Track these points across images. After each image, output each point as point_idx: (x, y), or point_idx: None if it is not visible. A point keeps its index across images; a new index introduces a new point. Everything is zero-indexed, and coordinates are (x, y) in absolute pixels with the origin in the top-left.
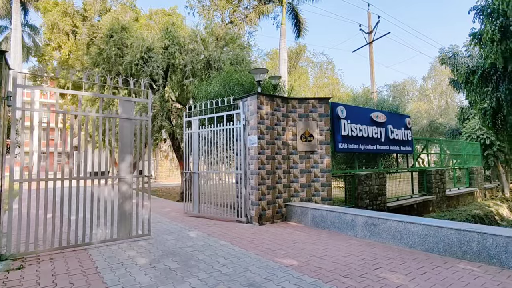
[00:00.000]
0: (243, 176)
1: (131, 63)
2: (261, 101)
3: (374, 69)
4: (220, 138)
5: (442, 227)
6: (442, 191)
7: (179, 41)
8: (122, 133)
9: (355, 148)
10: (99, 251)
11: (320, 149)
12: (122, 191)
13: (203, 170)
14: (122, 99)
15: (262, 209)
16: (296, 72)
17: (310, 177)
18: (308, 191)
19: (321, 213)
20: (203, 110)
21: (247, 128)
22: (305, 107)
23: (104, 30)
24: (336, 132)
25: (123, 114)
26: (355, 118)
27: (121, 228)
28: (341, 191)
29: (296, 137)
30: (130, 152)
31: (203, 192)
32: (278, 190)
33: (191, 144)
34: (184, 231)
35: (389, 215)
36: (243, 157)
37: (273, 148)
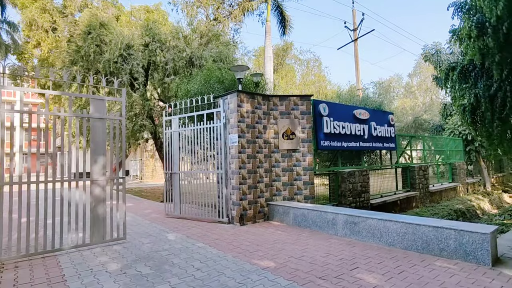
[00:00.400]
0: (224, 175)
1: (110, 61)
2: (241, 99)
3: (359, 66)
4: (201, 137)
5: (420, 225)
6: (425, 187)
7: (160, 38)
8: (94, 133)
9: (338, 145)
10: (69, 257)
11: (302, 147)
12: (95, 194)
13: (184, 170)
14: (94, 98)
15: (243, 209)
16: (283, 69)
17: (292, 175)
18: (290, 189)
19: (302, 212)
20: (183, 109)
21: (227, 127)
22: (287, 105)
23: (82, 27)
24: (319, 129)
25: (95, 113)
26: (337, 115)
27: (94, 233)
28: (327, 189)
29: (278, 135)
30: (103, 153)
31: (184, 193)
32: (259, 190)
33: (172, 144)
34: (163, 233)
35: (369, 213)
36: (224, 156)
37: (254, 147)
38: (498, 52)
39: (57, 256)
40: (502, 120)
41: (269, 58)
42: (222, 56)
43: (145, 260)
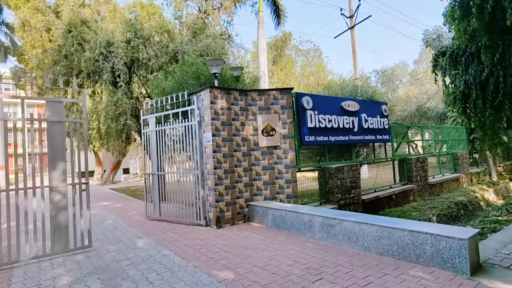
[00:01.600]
0: (200, 176)
1: (91, 59)
2: (215, 95)
3: (356, 55)
4: (177, 136)
5: (396, 228)
6: (424, 179)
7: (143, 34)
8: (51, 137)
9: (324, 140)
10: (25, 269)
11: (283, 143)
12: (55, 201)
13: (162, 171)
14: (50, 100)
15: (220, 211)
16: (282, 61)
17: (273, 174)
18: (272, 188)
19: (280, 213)
20: (159, 107)
21: (202, 125)
22: (266, 100)
23: (63, 26)
24: (302, 124)
25: (52, 116)
26: (323, 108)
27: (56, 242)
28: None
29: (257, 132)
30: (63, 158)
31: (163, 195)
32: (238, 190)
33: (150, 144)
34: (134, 239)
35: (345, 215)
36: (200, 156)
37: (231, 145)
38: (485, 34)
39: (14, 268)
40: (495, 109)
41: (262, 50)
42: (209, 50)
43: (101, 272)
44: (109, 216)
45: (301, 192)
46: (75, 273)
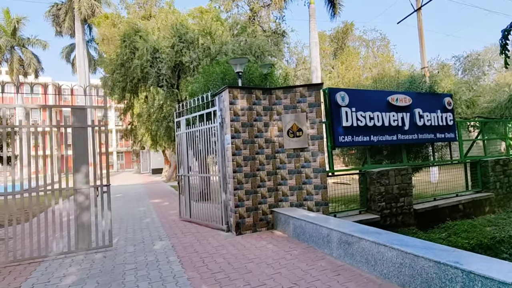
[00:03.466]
0: (222, 179)
1: (141, 66)
2: (235, 95)
3: (424, 41)
4: (203, 138)
5: (419, 256)
6: (507, 186)
7: (187, 38)
8: (75, 142)
9: (364, 140)
10: (48, 265)
11: (311, 145)
12: (79, 202)
13: (192, 172)
14: (75, 108)
15: (239, 217)
16: (343, 53)
17: (300, 178)
18: (299, 194)
19: (300, 223)
20: (187, 110)
21: (223, 127)
22: (292, 97)
23: (118, 37)
24: (336, 123)
25: (76, 123)
26: (362, 104)
27: (79, 240)
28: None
29: (282, 132)
30: (86, 161)
31: (197, 195)
32: (261, 195)
33: (181, 145)
34: (156, 240)
35: (364, 232)
36: (221, 158)
37: (253, 147)
38: None
39: (42, 263)
40: None
41: (314, 44)
42: (252, 48)
43: (103, 275)
44: (151, 214)
45: (341, 198)
46: (83, 273)
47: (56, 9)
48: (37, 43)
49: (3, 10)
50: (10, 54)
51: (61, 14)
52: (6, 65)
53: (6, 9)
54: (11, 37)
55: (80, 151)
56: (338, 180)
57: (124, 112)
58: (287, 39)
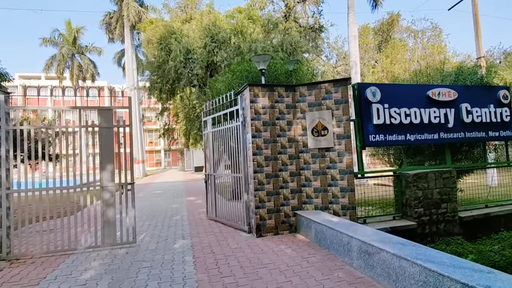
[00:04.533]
0: (244, 180)
1: (174, 67)
2: (256, 93)
3: (480, 27)
4: (226, 138)
5: (444, 276)
6: None
7: (219, 38)
8: (102, 142)
9: (398, 139)
10: (75, 258)
11: (338, 144)
12: (105, 199)
13: (217, 172)
14: (101, 108)
15: (260, 219)
16: (388, 46)
17: (325, 180)
18: (324, 197)
19: (321, 228)
20: (213, 109)
21: (245, 126)
22: (317, 94)
23: (155, 39)
24: (366, 121)
25: (103, 123)
26: (397, 100)
27: (105, 236)
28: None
29: (306, 131)
30: (112, 160)
31: (218, 195)
32: (283, 196)
33: (208, 145)
34: (178, 239)
35: (386, 242)
36: (243, 158)
37: (275, 147)
38: None
39: (71, 255)
40: None
41: (353, 37)
42: (284, 45)
43: (119, 272)
44: (182, 212)
45: (378, 201)
46: (102, 268)
47: (108, 17)
48: (93, 50)
49: (65, 21)
50: (71, 61)
51: (112, 22)
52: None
53: (68, 20)
54: (71, 46)
55: (106, 150)
56: (379, 182)
57: (161, 112)
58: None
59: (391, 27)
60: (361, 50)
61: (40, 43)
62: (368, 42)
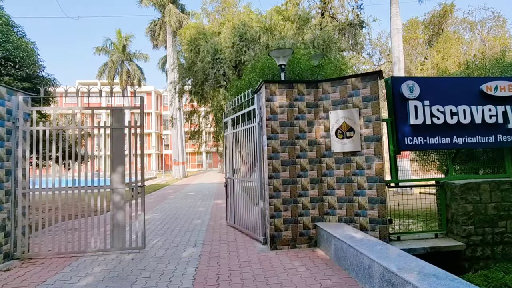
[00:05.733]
0: (259, 185)
1: (202, 68)
2: (272, 90)
3: None
4: (243, 140)
5: None
6: None
7: (247, 37)
8: (113, 143)
9: (442, 143)
10: (82, 261)
11: (365, 148)
12: (115, 201)
13: (235, 176)
14: (113, 109)
15: (275, 229)
16: (439, 41)
17: (351, 188)
18: (349, 208)
19: (341, 245)
20: (233, 109)
21: (262, 126)
22: (342, 91)
23: (185, 42)
24: (401, 121)
25: (115, 123)
26: (440, 96)
27: (114, 239)
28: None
29: (329, 133)
30: (123, 162)
31: (237, 201)
32: (302, 205)
33: (227, 147)
34: (189, 246)
35: (412, 272)
36: (260, 162)
37: (293, 150)
38: None
39: (79, 258)
40: None
41: (396, 31)
42: (315, 41)
43: (116, 280)
44: (205, 216)
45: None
46: (101, 275)
47: (153, 25)
48: (140, 56)
49: (116, 31)
50: (120, 68)
51: (156, 29)
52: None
53: (119, 30)
54: (121, 53)
55: (118, 152)
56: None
57: (190, 115)
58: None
59: (443, 19)
60: (408, 46)
61: (94, 52)
62: (416, 36)
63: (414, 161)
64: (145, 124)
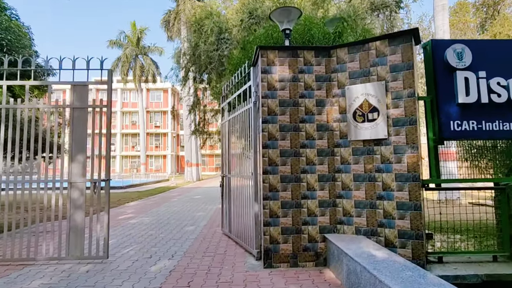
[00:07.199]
0: (253, 183)
1: (206, 52)
2: (270, 59)
3: None
4: (238, 127)
5: None
6: None
7: (258, 14)
8: (73, 126)
9: (504, 129)
10: (28, 270)
11: (394, 134)
12: (73, 199)
13: (230, 172)
14: (75, 84)
15: (271, 241)
16: (495, 24)
17: (373, 188)
18: (370, 215)
19: (354, 267)
20: (228, 91)
21: (259, 108)
22: (363, 59)
23: (189, 25)
24: (444, 99)
25: (76, 102)
26: (503, 64)
27: (71, 246)
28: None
29: (346, 115)
30: (84, 149)
31: (231, 203)
32: (307, 210)
33: (224, 137)
34: (163, 259)
35: None
36: (254, 154)
37: (296, 137)
38: None
39: (26, 267)
40: None
41: (441, 8)
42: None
43: None
44: (201, 222)
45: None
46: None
47: (168, 15)
48: (155, 50)
49: (131, 23)
50: (134, 62)
51: (171, 20)
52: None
53: (133, 22)
54: (135, 47)
55: (78, 137)
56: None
57: (193, 107)
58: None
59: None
60: (456, 30)
61: (107, 45)
62: (466, 20)
63: (461, 160)
64: (161, 124)
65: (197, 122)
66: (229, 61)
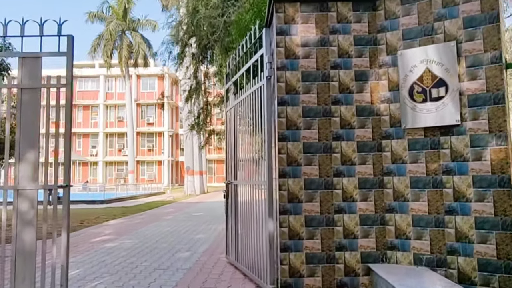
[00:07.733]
0: (266, 191)
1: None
2: (289, 16)
3: None
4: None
5: None
6: None
7: None
8: (21, 112)
9: None
10: None
11: (470, 119)
12: (21, 211)
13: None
14: (24, 56)
15: (291, 273)
16: None
17: (440, 198)
18: (436, 236)
19: None
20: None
21: (275, 85)
22: (423, 11)
23: None
24: None
25: (25, 81)
26: None
27: (19, 276)
28: None
29: (398, 92)
30: (36, 144)
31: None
32: (344, 229)
33: (228, 130)
34: None
35: None
36: (267, 149)
37: (327, 126)
38: None
39: None
40: None
41: None
42: None
43: None
44: (200, 246)
45: None
46: None
47: None
48: (147, 24)
49: None
50: (120, 40)
51: None
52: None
53: None
54: (121, 20)
55: (28, 128)
56: None
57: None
58: None
59: None
60: None
61: (86, 19)
62: None
63: None
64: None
65: (196, 114)
66: (237, 26)
